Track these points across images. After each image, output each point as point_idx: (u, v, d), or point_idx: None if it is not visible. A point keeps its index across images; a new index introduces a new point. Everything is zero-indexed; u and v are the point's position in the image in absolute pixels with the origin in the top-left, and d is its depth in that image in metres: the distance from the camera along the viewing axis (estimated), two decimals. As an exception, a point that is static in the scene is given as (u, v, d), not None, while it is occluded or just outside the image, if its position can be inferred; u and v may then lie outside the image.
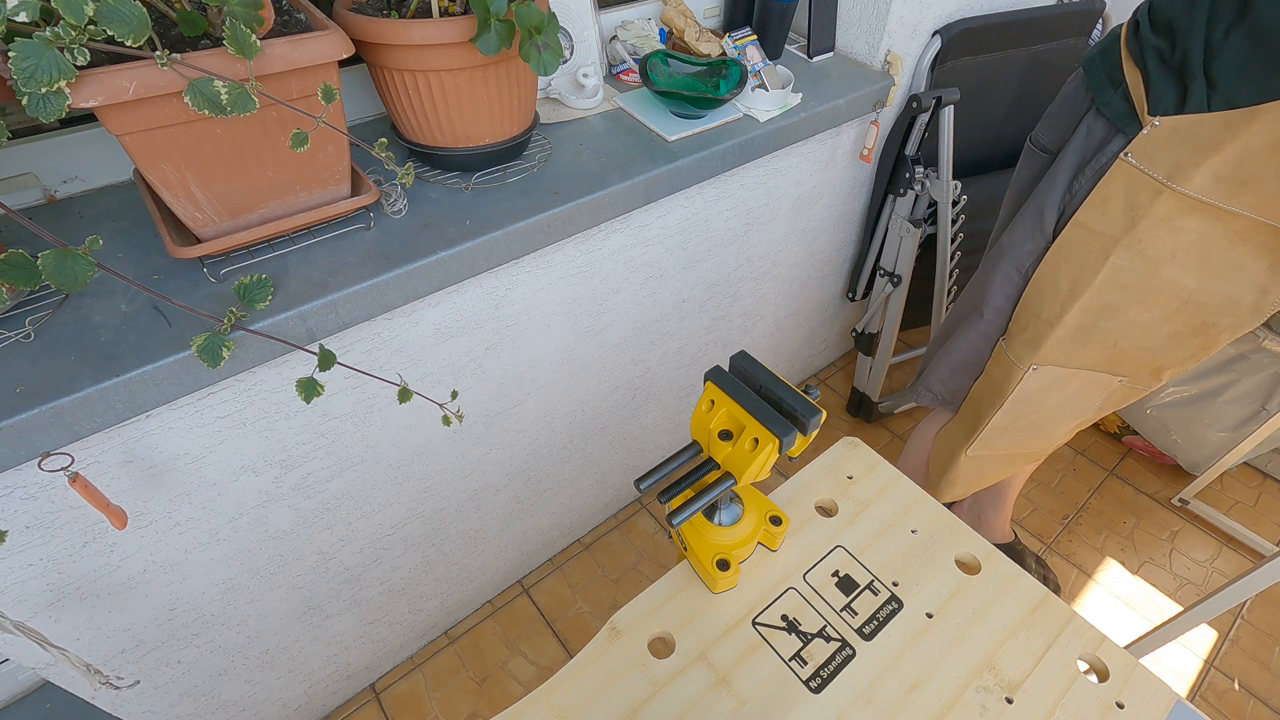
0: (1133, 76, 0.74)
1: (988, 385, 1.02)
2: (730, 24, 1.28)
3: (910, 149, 1.32)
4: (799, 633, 0.58)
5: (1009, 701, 0.54)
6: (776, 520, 0.62)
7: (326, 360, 0.69)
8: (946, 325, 1.10)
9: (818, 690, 0.54)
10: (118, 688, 0.86)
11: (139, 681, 0.90)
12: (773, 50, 1.23)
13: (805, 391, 0.53)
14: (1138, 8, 0.76)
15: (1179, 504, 1.64)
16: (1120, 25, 0.79)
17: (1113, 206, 0.78)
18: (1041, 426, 1.03)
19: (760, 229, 1.29)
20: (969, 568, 0.63)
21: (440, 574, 1.25)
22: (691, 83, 1.07)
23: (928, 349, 1.16)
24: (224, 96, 0.55)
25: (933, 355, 1.12)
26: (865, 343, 1.69)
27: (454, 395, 0.93)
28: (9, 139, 0.53)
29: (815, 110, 1.12)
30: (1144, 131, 0.73)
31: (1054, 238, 0.86)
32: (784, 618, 0.59)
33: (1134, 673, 0.56)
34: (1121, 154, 0.75)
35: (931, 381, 1.12)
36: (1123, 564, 1.53)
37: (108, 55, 0.54)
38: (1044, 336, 0.89)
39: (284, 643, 1.06)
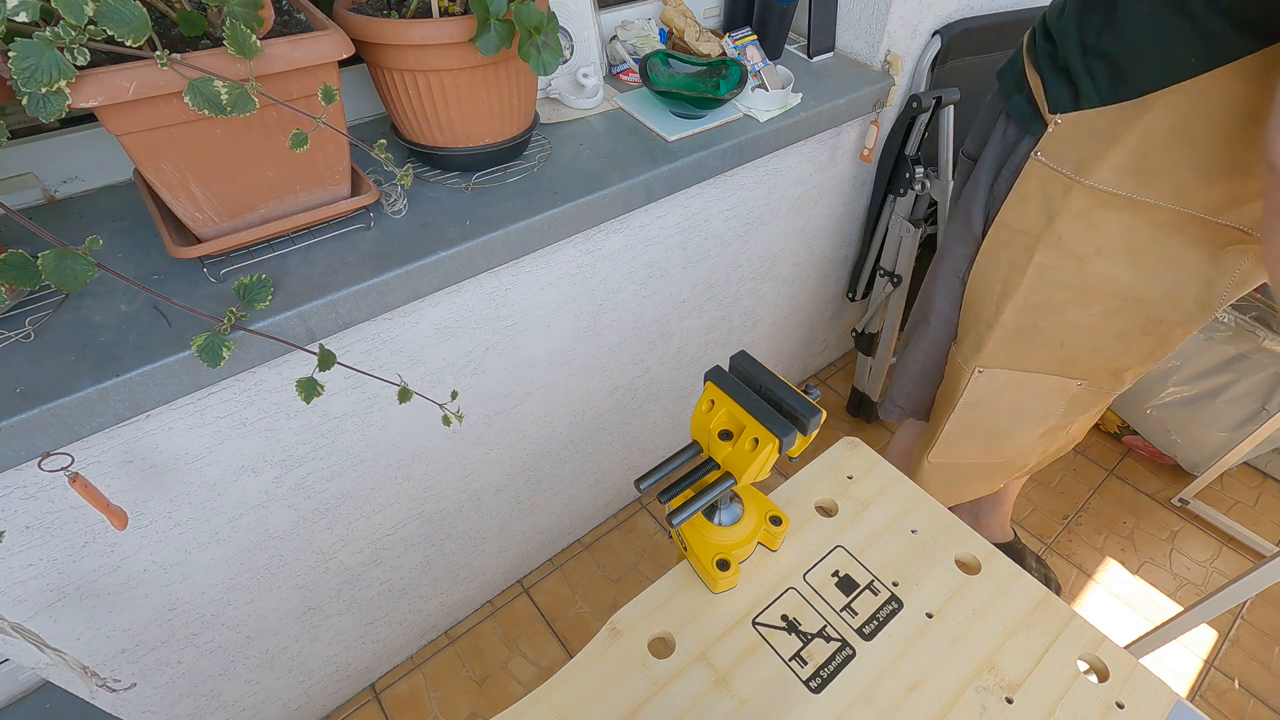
0: (1034, 79, 0.77)
1: (943, 391, 1.03)
2: (730, 24, 1.28)
3: (910, 149, 1.32)
4: (799, 633, 0.58)
5: (1009, 701, 0.54)
6: (776, 520, 0.62)
7: (326, 360, 0.69)
8: (903, 338, 1.11)
9: (818, 690, 0.54)
10: (114, 690, 0.86)
11: (135, 684, 0.90)
12: (773, 50, 1.23)
13: (805, 391, 0.53)
14: (1038, 17, 0.79)
15: (1179, 504, 1.64)
16: (1026, 34, 0.82)
17: (1030, 205, 0.79)
18: (1003, 433, 1.03)
19: (760, 229, 1.29)
20: (969, 568, 0.63)
21: (440, 574, 1.25)
22: (691, 83, 1.07)
23: (896, 365, 1.17)
24: (224, 96, 0.55)
25: (897, 371, 1.13)
26: (865, 343, 1.69)
27: (454, 395, 0.93)
28: (9, 139, 0.53)
29: (815, 110, 1.12)
30: (1049, 130, 0.75)
31: (983, 240, 0.88)
32: (784, 618, 0.59)
33: (1134, 673, 0.56)
34: (1033, 153, 0.77)
35: (896, 395, 1.14)
36: (1123, 564, 1.53)
37: (108, 55, 0.54)
38: (985, 338, 0.90)
39: (284, 643, 1.06)
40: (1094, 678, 0.56)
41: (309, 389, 0.68)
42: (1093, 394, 0.96)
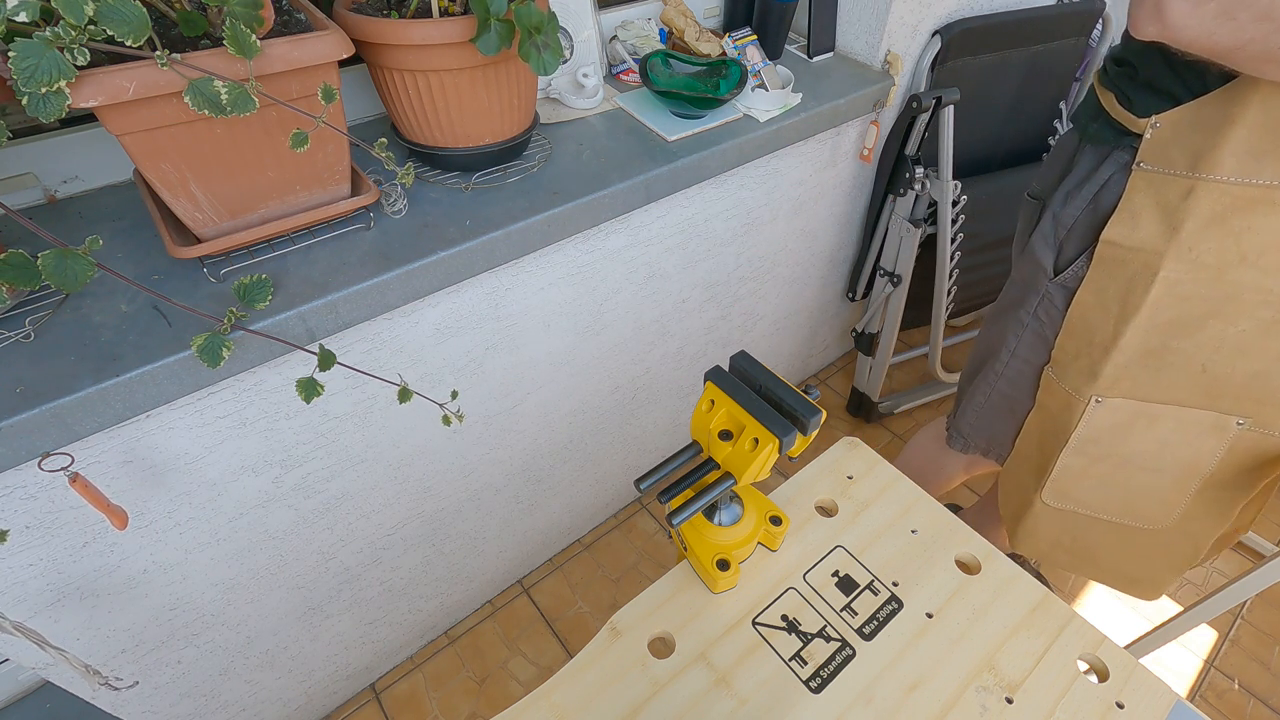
0: (1108, 100, 0.73)
1: (1047, 421, 0.91)
2: (730, 24, 1.28)
3: (910, 149, 1.32)
4: (799, 633, 0.58)
5: (1009, 701, 0.54)
6: (776, 520, 0.62)
7: (326, 360, 0.69)
8: (968, 368, 1.04)
9: (818, 690, 0.54)
10: (116, 689, 0.86)
11: (138, 683, 0.90)
12: (773, 50, 1.23)
13: (805, 391, 0.53)
14: (1106, 54, 0.76)
15: (1179, 504, 1.64)
16: (1094, 74, 0.79)
17: (1144, 219, 0.71)
18: (1138, 478, 0.87)
19: (760, 229, 1.29)
20: (969, 568, 0.63)
21: (440, 574, 1.25)
22: (691, 83, 1.07)
23: (957, 394, 1.09)
24: (224, 96, 0.55)
25: (959, 400, 1.06)
26: (865, 343, 1.69)
27: (454, 395, 0.93)
28: (9, 139, 0.53)
29: (815, 110, 1.12)
30: (1146, 136, 0.69)
31: (1055, 274, 0.82)
32: (784, 618, 0.59)
33: (1134, 673, 0.56)
34: (1134, 165, 0.71)
35: (961, 426, 1.06)
36: (1123, 564, 1.53)
37: (108, 55, 0.54)
38: (1101, 363, 0.79)
39: (284, 643, 1.06)
40: (1094, 678, 0.56)
41: (309, 389, 0.68)
42: (1263, 439, 0.79)
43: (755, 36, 1.19)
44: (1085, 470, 0.88)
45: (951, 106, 1.26)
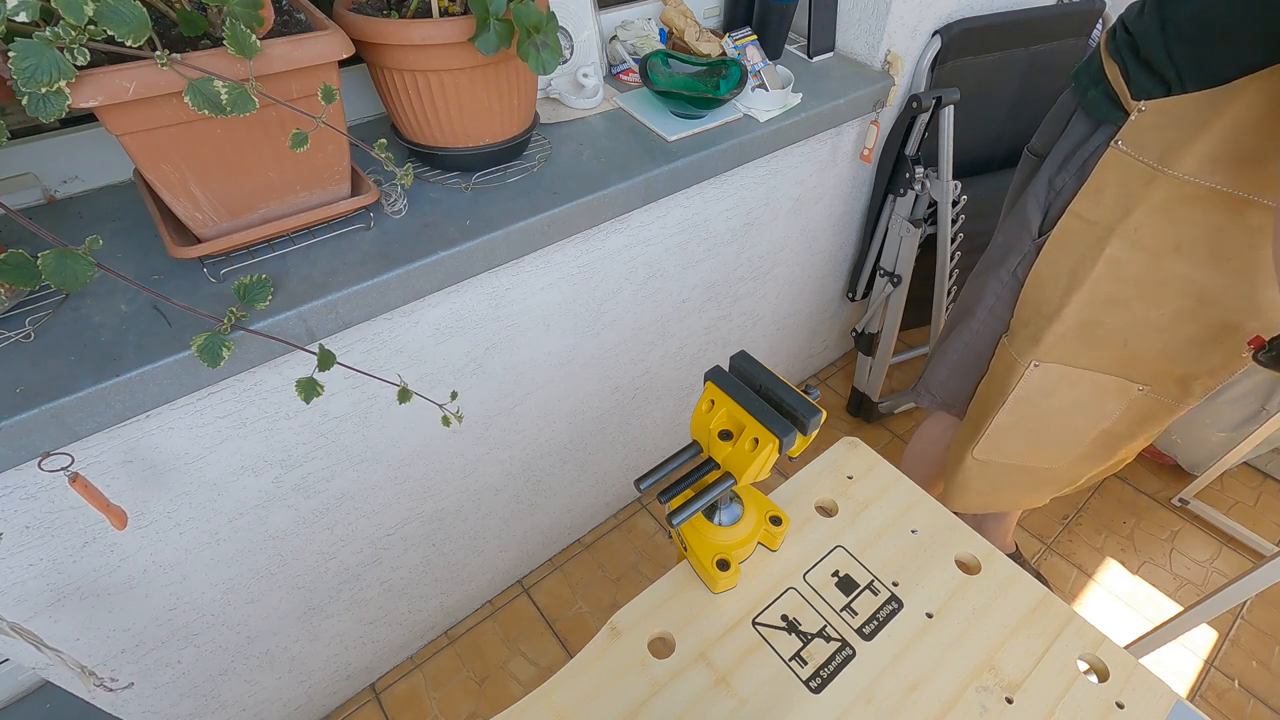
0: (1112, 71, 0.76)
1: (991, 383, 1.00)
2: (730, 24, 1.28)
3: (910, 149, 1.32)
4: (799, 633, 0.58)
5: (1009, 701, 0.54)
6: (776, 520, 0.62)
7: (326, 360, 0.69)
8: (945, 329, 1.10)
9: (818, 690, 0.54)
10: (112, 690, 0.86)
11: (133, 683, 0.90)
12: (773, 50, 1.23)
13: (805, 391, 0.53)
14: (1117, 19, 0.78)
15: (1179, 504, 1.64)
16: (1102, 34, 0.81)
17: (1107, 195, 0.77)
18: (1053, 432, 0.99)
19: (760, 229, 1.29)
20: (969, 568, 0.63)
21: (440, 574, 1.25)
22: (691, 83, 1.07)
23: (931, 353, 1.16)
24: (224, 96, 0.55)
25: (933, 358, 1.13)
26: (865, 343, 1.69)
27: (454, 395, 0.93)
28: (9, 139, 0.53)
29: (815, 110, 1.12)
30: (1132, 118, 0.73)
31: (1039, 234, 0.86)
32: (784, 618, 0.59)
33: (1134, 673, 0.56)
34: (1113, 142, 0.75)
35: (930, 383, 1.13)
36: (1123, 564, 1.53)
37: (108, 55, 0.54)
38: (1044, 331, 0.88)
39: (284, 643, 1.06)
40: (1094, 678, 0.56)
41: (309, 389, 0.68)
42: (1154, 403, 0.91)
43: (755, 36, 1.19)
44: (1013, 426, 0.99)
45: (951, 106, 1.26)
